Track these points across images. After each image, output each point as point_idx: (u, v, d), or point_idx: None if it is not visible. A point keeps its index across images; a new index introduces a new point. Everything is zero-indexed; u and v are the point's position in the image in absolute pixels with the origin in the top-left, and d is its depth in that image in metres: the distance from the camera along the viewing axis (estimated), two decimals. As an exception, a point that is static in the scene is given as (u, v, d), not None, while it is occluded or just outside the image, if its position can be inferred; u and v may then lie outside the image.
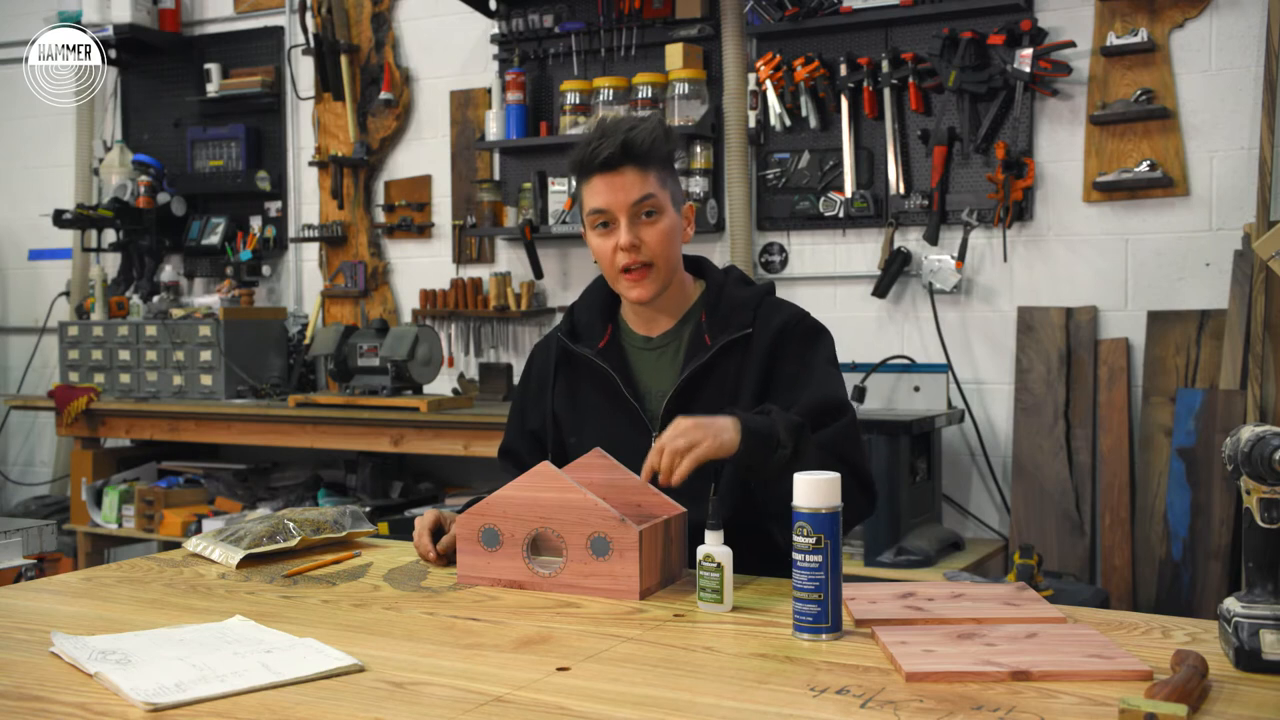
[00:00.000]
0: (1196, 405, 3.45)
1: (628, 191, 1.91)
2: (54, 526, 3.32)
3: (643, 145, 1.91)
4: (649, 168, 1.93)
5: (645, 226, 1.93)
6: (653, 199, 1.92)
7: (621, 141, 1.90)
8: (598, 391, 2.00)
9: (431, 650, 1.43)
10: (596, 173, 1.93)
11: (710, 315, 1.99)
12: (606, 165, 1.91)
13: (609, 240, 1.94)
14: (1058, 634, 1.43)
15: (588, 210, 1.96)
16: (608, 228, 1.94)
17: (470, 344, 4.67)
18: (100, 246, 5.27)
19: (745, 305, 1.99)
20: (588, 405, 2.02)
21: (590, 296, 2.11)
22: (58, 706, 1.23)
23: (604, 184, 1.92)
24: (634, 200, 1.91)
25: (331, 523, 2.04)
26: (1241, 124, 3.54)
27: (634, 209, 1.92)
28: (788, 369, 1.95)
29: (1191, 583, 3.40)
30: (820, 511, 1.44)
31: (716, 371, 1.95)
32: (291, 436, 4.25)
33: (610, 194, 1.92)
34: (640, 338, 2.04)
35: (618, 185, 1.91)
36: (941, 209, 3.85)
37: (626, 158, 1.91)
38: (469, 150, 4.68)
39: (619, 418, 1.98)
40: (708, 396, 1.93)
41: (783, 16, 3.99)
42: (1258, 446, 1.28)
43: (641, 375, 2.02)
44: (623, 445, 1.92)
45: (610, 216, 1.93)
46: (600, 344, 2.02)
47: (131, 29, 5.02)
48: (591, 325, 2.06)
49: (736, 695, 1.25)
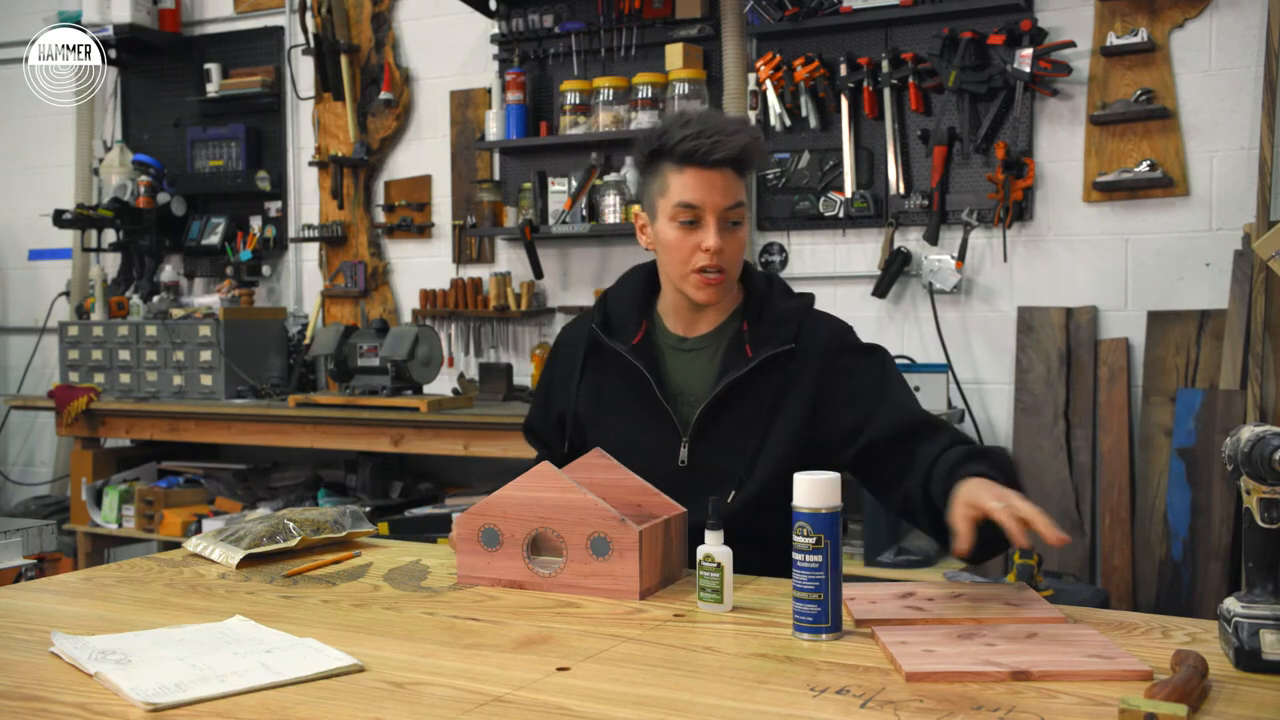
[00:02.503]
0: (1196, 405, 3.45)
1: (725, 194, 1.87)
2: (54, 526, 3.32)
3: (754, 155, 1.89)
4: (744, 174, 1.91)
5: (730, 233, 1.89)
6: (741, 208, 1.90)
7: (742, 146, 1.86)
8: (627, 389, 1.96)
9: (431, 650, 1.43)
10: (697, 166, 1.86)
11: (753, 325, 1.94)
12: (716, 163, 1.85)
13: (691, 237, 1.88)
14: (1058, 634, 1.43)
15: (675, 201, 1.88)
16: (693, 225, 1.88)
17: (470, 344, 4.67)
18: (100, 246, 5.27)
19: (789, 319, 1.94)
20: (616, 402, 1.98)
21: (625, 288, 2.06)
22: (58, 706, 1.23)
23: (702, 180, 1.86)
24: (729, 205, 1.88)
25: (331, 523, 2.04)
26: (1241, 124, 3.54)
27: (725, 213, 1.88)
28: (841, 386, 1.90)
29: (1191, 583, 3.40)
30: (820, 511, 1.44)
31: (754, 384, 1.91)
32: (291, 436, 4.25)
33: (708, 192, 1.86)
34: (675, 336, 1.99)
35: (717, 185, 1.86)
36: (941, 209, 3.85)
37: (735, 162, 1.87)
38: (469, 150, 4.68)
39: (648, 418, 1.94)
40: (743, 408, 1.90)
41: (783, 16, 3.99)
42: (1258, 446, 1.27)
43: (674, 376, 1.97)
44: (650, 446, 1.91)
45: (700, 214, 1.87)
46: (634, 340, 1.97)
47: (131, 29, 5.01)
48: (625, 318, 2.01)
49: (736, 695, 1.25)
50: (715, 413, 1.91)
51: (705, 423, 1.91)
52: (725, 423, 1.91)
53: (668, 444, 1.92)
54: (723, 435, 1.91)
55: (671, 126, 1.89)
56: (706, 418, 1.91)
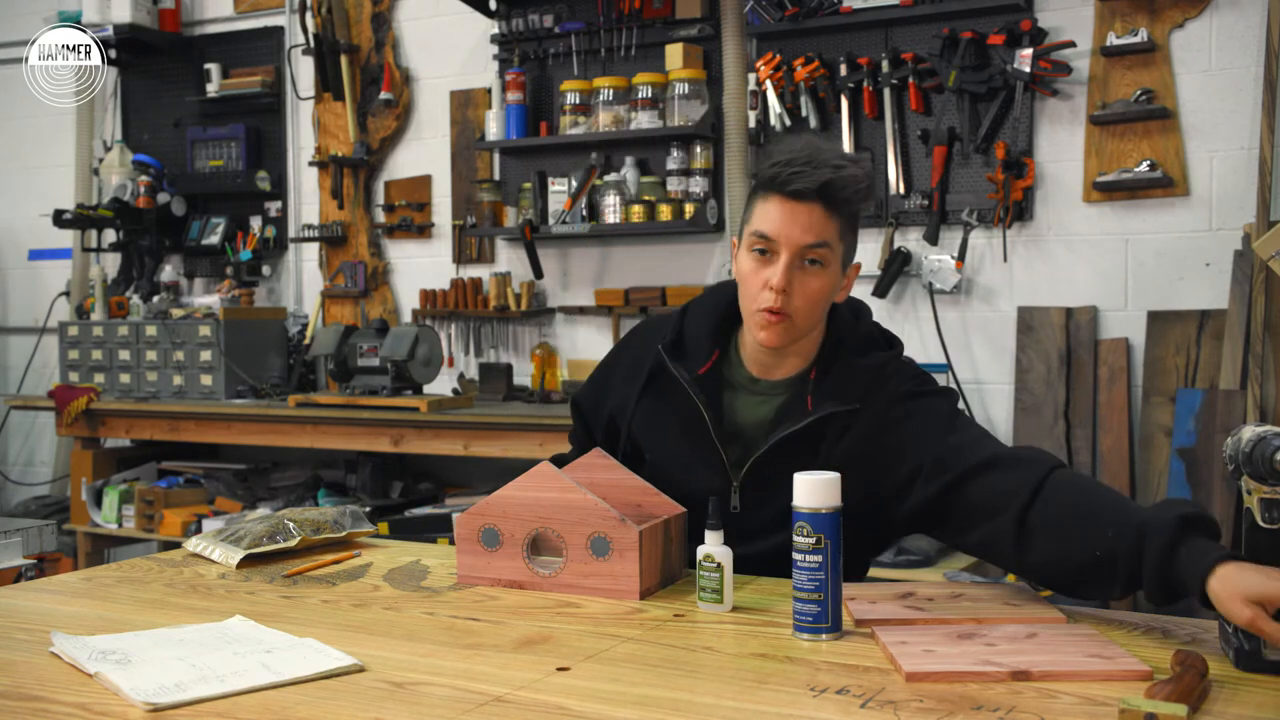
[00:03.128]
0: (1196, 405, 3.45)
1: (805, 230, 1.71)
2: (54, 526, 3.32)
3: (846, 189, 1.71)
4: (837, 214, 1.72)
5: (804, 275, 1.72)
6: (825, 249, 1.72)
7: (828, 179, 1.69)
8: (684, 420, 1.84)
9: (431, 650, 1.43)
10: (781, 195, 1.71)
11: (820, 375, 1.79)
12: (798, 194, 1.70)
13: (762, 271, 1.73)
14: (1058, 634, 1.43)
15: (753, 229, 1.74)
16: (766, 255, 1.73)
17: (470, 344, 4.67)
18: (100, 246, 5.27)
19: (862, 375, 1.78)
20: (672, 430, 1.86)
21: (706, 310, 1.90)
22: (58, 706, 1.23)
23: (784, 211, 1.71)
24: (808, 243, 1.71)
25: (331, 523, 2.04)
26: (1241, 124, 3.54)
27: (802, 251, 1.71)
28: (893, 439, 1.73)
29: (1191, 583, 3.40)
30: (820, 511, 1.44)
31: (811, 440, 1.76)
32: (291, 436, 4.25)
33: (786, 225, 1.71)
34: (747, 376, 1.85)
35: (798, 220, 1.70)
36: (941, 209, 3.85)
37: (820, 195, 1.70)
38: (469, 150, 4.68)
39: (701, 455, 1.83)
40: (792, 459, 1.67)
41: (783, 16, 3.99)
42: (1258, 446, 1.28)
43: (736, 415, 1.84)
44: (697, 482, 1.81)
45: (773, 246, 1.72)
46: (701, 369, 1.84)
47: (131, 29, 5.01)
48: (698, 344, 1.86)
49: (736, 695, 1.25)
50: (770, 463, 1.78)
51: (758, 473, 1.80)
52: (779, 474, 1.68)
53: (717, 487, 1.81)
54: (777, 485, 1.70)
55: (772, 152, 1.77)
56: (759, 468, 1.79)
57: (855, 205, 1.75)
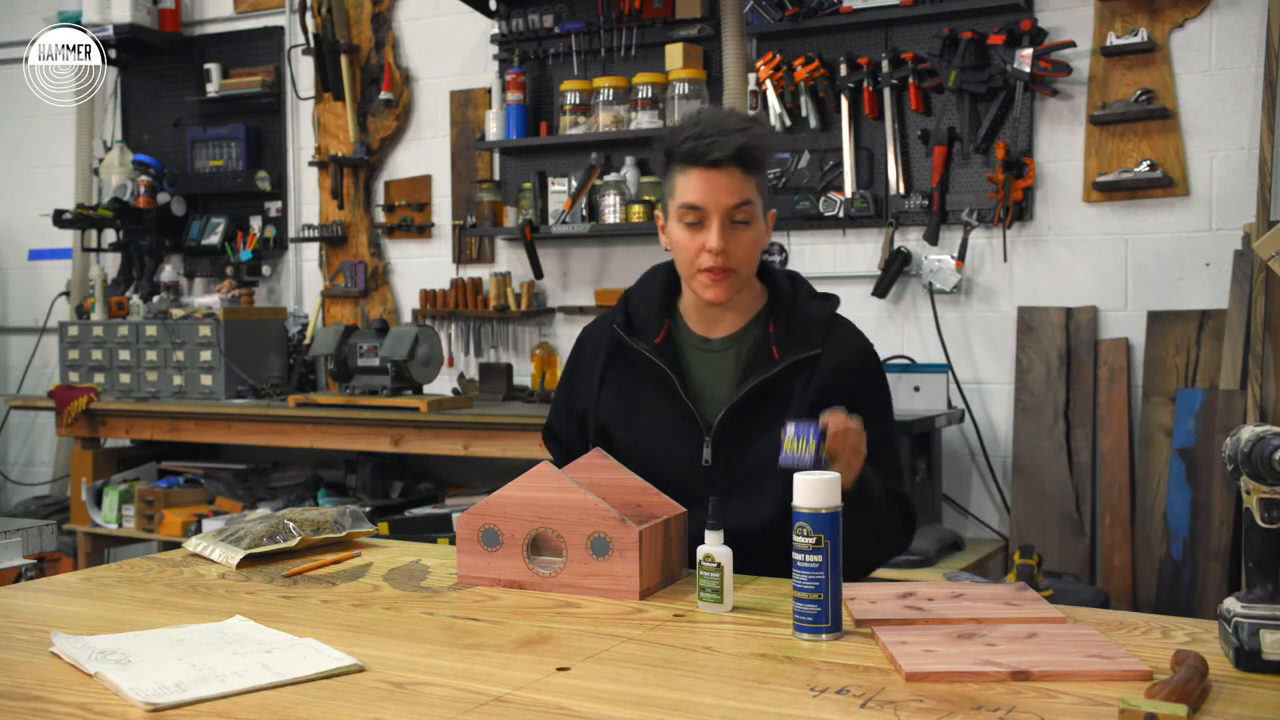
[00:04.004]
0: (1196, 405, 3.45)
1: (729, 193, 1.86)
2: (54, 526, 3.32)
3: (756, 151, 1.87)
4: (751, 172, 1.88)
5: (736, 232, 1.88)
6: (749, 206, 1.88)
7: (740, 144, 1.85)
8: (650, 389, 1.96)
9: (431, 650, 1.43)
10: (700, 166, 1.86)
11: (779, 327, 1.94)
12: (715, 163, 1.85)
13: (696, 237, 1.88)
14: (1058, 634, 1.43)
15: (680, 202, 1.89)
16: (698, 225, 1.88)
17: (470, 344, 4.67)
18: (100, 246, 5.27)
19: (817, 324, 1.95)
20: (639, 402, 1.98)
21: (647, 288, 2.05)
22: (58, 706, 1.23)
23: (705, 180, 1.86)
24: (733, 204, 1.87)
25: (331, 523, 2.04)
26: (1241, 124, 3.54)
27: (729, 213, 1.87)
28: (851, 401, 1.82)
29: (1191, 583, 3.40)
30: (820, 511, 1.44)
31: (778, 386, 1.90)
32: (291, 436, 4.25)
33: (710, 193, 1.86)
34: (698, 337, 1.99)
35: (720, 185, 1.86)
36: (941, 209, 3.85)
37: (736, 160, 1.85)
38: (469, 150, 4.68)
39: (671, 418, 1.94)
40: (766, 409, 1.88)
41: (783, 16, 3.99)
42: (1258, 446, 1.27)
43: (697, 377, 1.96)
44: (674, 447, 1.92)
45: (704, 215, 1.87)
46: (656, 339, 1.97)
47: (131, 29, 5.01)
48: (648, 319, 2.00)
49: (736, 695, 1.25)
50: (739, 413, 1.91)
51: (729, 423, 1.91)
52: (748, 423, 1.90)
53: (691, 443, 1.92)
54: (746, 435, 1.91)
55: (679, 128, 1.91)
56: (730, 418, 1.91)
57: (766, 160, 1.92)
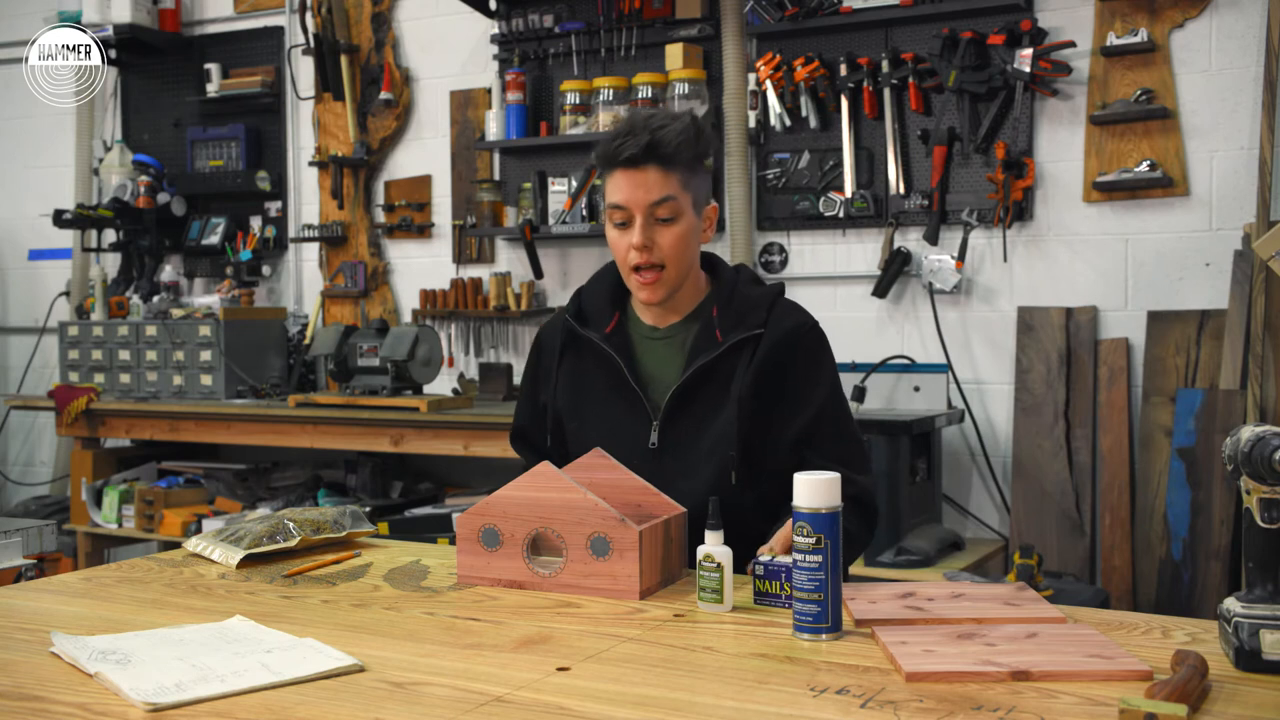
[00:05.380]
0: (1196, 405, 3.45)
1: (648, 191, 1.90)
2: (54, 526, 3.32)
3: (669, 145, 1.89)
4: (673, 168, 1.91)
5: (661, 229, 1.92)
6: (671, 202, 1.91)
7: (647, 142, 1.88)
8: (601, 377, 2.01)
9: (431, 650, 1.43)
10: (619, 168, 1.92)
11: (722, 311, 1.98)
12: (630, 162, 1.90)
13: (624, 237, 1.93)
14: (1058, 634, 1.43)
15: (607, 203, 1.95)
16: (624, 225, 1.94)
17: (470, 344, 4.67)
18: (100, 246, 5.27)
19: (758, 305, 1.98)
20: (591, 390, 2.02)
21: (599, 283, 2.11)
22: (58, 706, 1.23)
23: (625, 180, 1.91)
24: (652, 201, 1.91)
25: (331, 523, 2.04)
26: (1241, 124, 3.54)
27: (651, 209, 1.91)
28: (792, 381, 1.95)
29: (1191, 583, 3.40)
30: (820, 511, 1.44)
31: (722, 367, 1.94)
32: (291, 436, 4.25)
33: (630, 191, 1.91)
34: (647, 327, 2.04)
35: (638, 183, 1.90)
36: (941, 209, 3.85)
37: (650, 156, 1.89)
38: (469, 150, 4.68)
39: (621, 404, 1.99)
40: (711, 391, 1.94)
41: (783, 16, 3.99)
42: (1258, 446, 1.27)
43: (646, 364, 2.01)
44: (622, 432, 1.95)
45: (627, 214, 1.92)
46: (607, 329, 2.02)
47: (131, 29, 5.01)
48: (599, 311, 2.05)
49: (736, 695, 1.25)
50: (685, 396, 1.95)
51: (675, 406, 1.96)
52: (695, 406, 1.95)
53: (640, 428, 1.97)
54: (692, 418, 1.95)
55: (606, 135, 1.97)
56: (676, 401, 1.95)
57: (685, 153, 1.92)
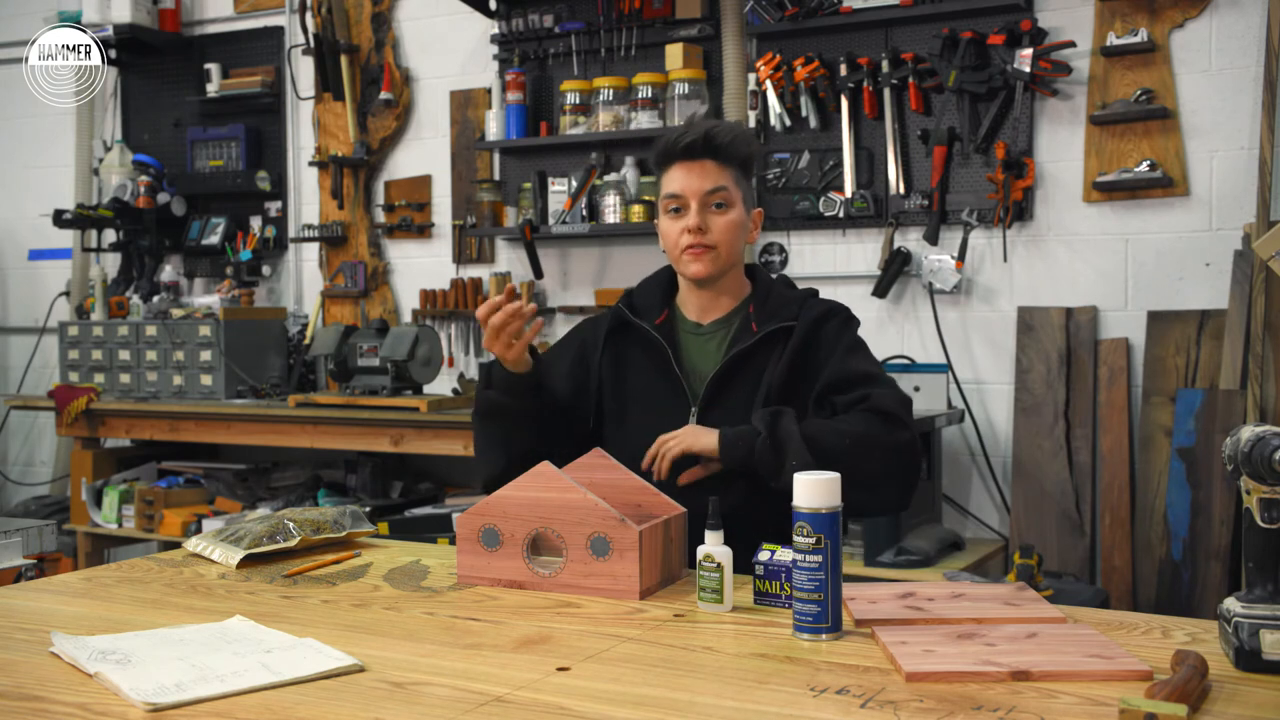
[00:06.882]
0: (1196, 405, 3.45)
1: (703, 179, 2.04)
2: (54, 526, 3.32)
3: (723, 139, 2.04)
4: (726, 163, 2.05)
5: (714, 215, 2.05)
6: (725, 191, 2.05)
7: (704, 132, 2.03)
8: (647, 363, 2.12)
9: (431, 650, 1.43)
10: (678, 160, 2.06)
11: (759, 307, 2.11)
12: (688, 153, 2.04)
13: (678, 223, 2.05)
14: (1058, 634, 1.43)
15: (664, 195, 2.08)
16: (679, 212, 2.06)
17: (470, 344, 4.67)
18: (100, 246, 5.27)
19: (792, 301, 2.10)
20: (635, 374, 2.14)
21: (651, 281, 2.23)
22: (58, 706, 1.23)
23: (682, 171, 2.05)
24: (707, 189, 2.04)
25: (331, 523, 2.04)
26: (1241, 124, 3.54)
27: (706, 197, 2.04)
28: (820, 357, 2.05)
29: (1191, 583, 3.40)
30: (820, 511, 1.44)
31: (757, 358, 2.05)
32: (291, 436, 4.25)
33: (686, 180, 2.04)
34: (691, 323, 2.15)
35: (695, 173, 2.04)
36: (941, 209, 3.85)
37: (707, 150, 2.04)
38: (469, 150, 4.68)
39: (664, 390, 2.09)
40: (746, 380, 2.05)
41: (783, 16, 3.99)
42: (1258, 446, 1.27)
43: (689, 355, 2.13)
44: (664, 417, 2.06)
45: (684, 202, 2.05)
46: (657, 321, 2.14)
47: (131, 29, 5.01)
48: (650, 305, 2.17)
49: (736, 695, 1.25)
50: (723, 384, 2.06)
51: (714, 393, 2.06)
52: (730, 394, 2.06)
53: (680, 412, 2.07)
54: (730, 404, 2.05)
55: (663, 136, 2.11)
56: (715, 387, 2.05)
57: (738, 151, 2.07)
